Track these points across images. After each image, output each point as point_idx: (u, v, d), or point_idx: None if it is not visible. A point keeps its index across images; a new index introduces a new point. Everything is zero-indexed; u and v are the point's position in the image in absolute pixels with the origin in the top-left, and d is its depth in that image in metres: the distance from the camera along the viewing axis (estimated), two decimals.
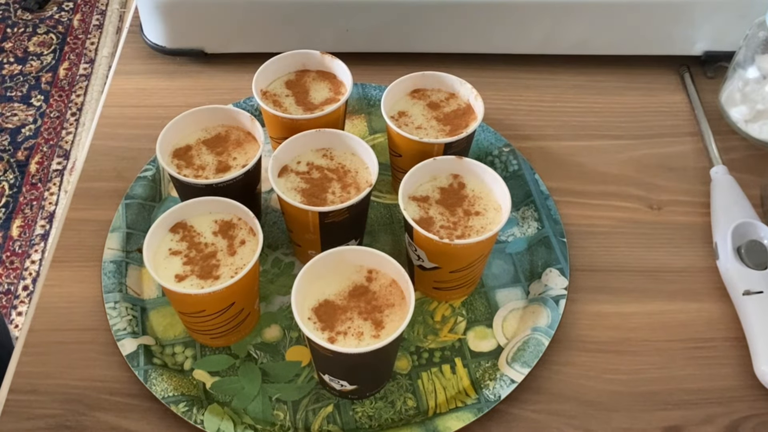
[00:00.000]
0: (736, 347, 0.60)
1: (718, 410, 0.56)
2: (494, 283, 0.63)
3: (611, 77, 0.80)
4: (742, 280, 0.60)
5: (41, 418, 0.55)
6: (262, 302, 0.62)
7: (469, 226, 0.57)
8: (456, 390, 0.57)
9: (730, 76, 0.74)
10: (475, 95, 0.64)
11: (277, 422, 0.55)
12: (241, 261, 0.55)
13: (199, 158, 0.61)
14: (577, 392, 0.57)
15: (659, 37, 0.78)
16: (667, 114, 0.77)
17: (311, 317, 0.52)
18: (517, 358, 0.57)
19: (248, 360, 0.59)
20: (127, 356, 0.57)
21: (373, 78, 0.76)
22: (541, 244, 0.65)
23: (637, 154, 0.73)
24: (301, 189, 0.59)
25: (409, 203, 0.59)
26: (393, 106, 0.65)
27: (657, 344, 0.60)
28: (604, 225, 0.68)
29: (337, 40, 0.77)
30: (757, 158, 0.72)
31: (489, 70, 0.79)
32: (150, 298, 0.62)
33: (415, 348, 0.59)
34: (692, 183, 0.71)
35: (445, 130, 0.64)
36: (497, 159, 0.71)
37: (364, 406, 0.56)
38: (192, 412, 0.54)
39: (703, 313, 0.62)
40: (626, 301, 0.63)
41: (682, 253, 0.66)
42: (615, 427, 0.56)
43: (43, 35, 2.16)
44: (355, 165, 0.61)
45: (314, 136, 0.61)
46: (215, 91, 0.76)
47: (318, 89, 0.67)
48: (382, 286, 0.53)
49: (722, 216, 0.65)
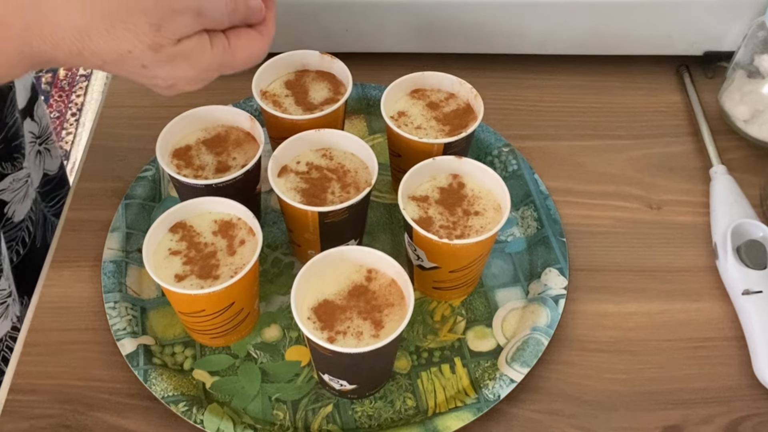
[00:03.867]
0: (736, 347, 0.60)
1: (717, 410, 0.56)
2: (494, 283, 0.63)
3: (611, 77, 0.80)
4: (741, 279, 0.60)
5: (41, 418, 0.55)
6: (262, 302, 0.62)
7: (469, 225, 0.57)
8: (455, 390, 0.57)
9: (729, 76, 0.74)
10: (475, 95, 0.64)
11: (277, 422, 0.55)
12: (241, 261, 0.55)
13: (198, 158, 0.61)
14: (576, 392, 0.57)
15: (659, 37, 0.78)
16: (667, 114, 0.77)
17: (311, 317, 0.52)
18: (517, 357, 0.57)
19: (248, 360, 0.59)
20: (126, 356, 0.57)
21: (373, 78, 0.76)
22: (541, 243, 0.65)
23: (637, 154, 0.73)
24: (301, 189, 0.59)
25: (408, 203, 0.59)
26: (392, 106, 0.65)
27: (657, 344, 0.60)
28: (604, 225, 0.68)
29: (337, 40, 0.77)
30: (756, 158, 0.72)
31: (489, 70, 0.79)
32: (150, 298, 0.62)
33: (415, 348, 0.59)
34: (692, 183, 0.71)
35: (445, 130, 0.64)
36: (497, 159, 0.71)
37: (364, 405, 0.56)
38: (192, 411, 0.54)
39: (702, 313, 0.62)
40: (626, 300, 0.63)
41: (682, 252, 0.66)
42: (615, 427, 0.56)
43: None
44: (354, 165, 0.61)
45: (314, 136, 0.61)
46: (215, 91, 0.76)
47: (318, 89, 0.67)
48: (381, 285, 0.54)
49: (722, 216, 0.65)
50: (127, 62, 0.44)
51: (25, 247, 0.77)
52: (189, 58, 0.45)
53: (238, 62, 0.48)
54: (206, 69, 0.47)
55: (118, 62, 0.44)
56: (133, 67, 0.45)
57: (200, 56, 0.46)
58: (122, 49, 0.43)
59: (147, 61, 0.44)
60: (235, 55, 0.48)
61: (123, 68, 0.45)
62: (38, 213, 0.80)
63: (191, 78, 0.47)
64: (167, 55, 0.44)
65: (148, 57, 0.44)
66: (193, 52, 0.45)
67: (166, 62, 0.44)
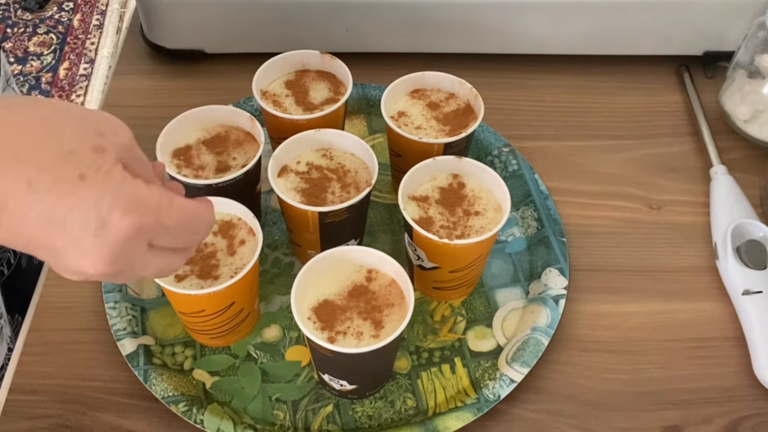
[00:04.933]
0: (736, 347, 0.60)
1: (717, 410, 0.56)
2: (494, 283, 0.63)
3: (611, 77, 0.80)
4: (741, 279, 0.60)
5: (41, 418, 0.55)
6: (262, 302, 0.62)
7: (469, 225, 0.57)
8: (455, 390, 0.57)
9: (729, 76, 0.74)
10: (475, 95, 0.64)
11: (277, 422, 0.55)
12: (241, 261, 0.55)
13: (198, 158, 0.61)
14: (576, 392, 0.57)
15: (659, 37, 0.78)
16: (667, 114, 0.77)
17: (311, 317, 0.52)
18: (517, 357, 0.57)
19: (248, 360, 0.59)
20: (127, 356, 0.57)
21: (373, 78, 0.76)
22: (541, 243, 0.65)
23: (637, 154, 0.73)
24: (301, 189, 0.59)
25: (408, 203, 0.59)
26: (393, 106, 0.65)
27: (657, 344, 0.60)
28: (604, 225, 0.68)
29: (337, 40, 0.77)
30: (756, 158, 0.72)
31: (489, 70, 0.79)
32: (150, 298, 0.62)
33: (415, 348, 0.59)
34: (692, 183, 0.71)
35: (445, 130, 0.64)
36: (497, 159, 0.71)
37: (364, 405, 0.56)
38: (192, 411, 0.54)
39: (702, 313, 0.62)
40: (626, 300, 0.63)
41: (682, 252, 0.66)
42: (615, 427, 0.56)
43: (44, 35, 2.16)
44: (354, 165, 0.61)
45: (314, 136, 0.61)
46: (215, 91, 0.76)
47: (318, 89, 0.67)
48: (381, 285, 0.54)
49: (722, 216, 0.65)
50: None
51: (9, 268, 0.76)
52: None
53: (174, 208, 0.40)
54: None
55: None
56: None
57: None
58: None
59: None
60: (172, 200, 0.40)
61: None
62: None
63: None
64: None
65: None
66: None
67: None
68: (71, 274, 0.39)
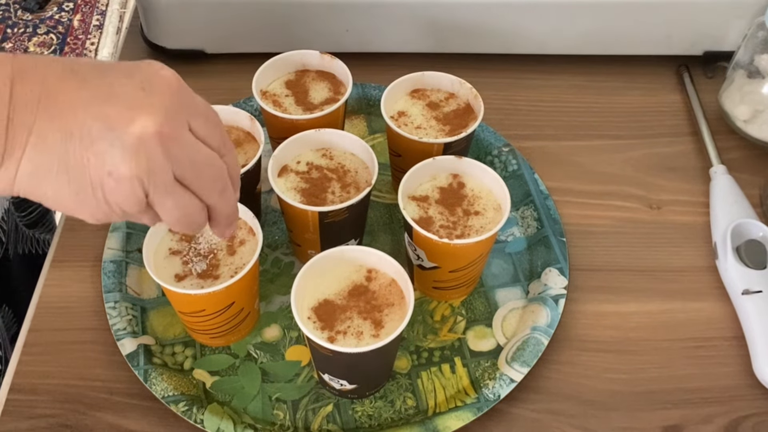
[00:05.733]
0: (736, 347, 0.60)
1: (717, 409, 0.56)
2: (494, 283, 0.63)
3: (611, 77, 0.80)
4: (741, 279, 0.60)
5: (41, 418, 0.55)
6: (262, 302, 0.62)
7: (469, 225, 0.57)
8: (455, 389, 0.57)
9: (729, 76, 0.74)
10: (475, 95, 0.64)
11: (277, 422, 0.55)
12: (241, 261, 0.55)
13: None
14: (576, 392, 0.57)
15: (659, 37, 0.78)
16: (667, 114, 0.77)
17: (311, 317, 0.52)
18: (517, 357, 0.57)
19: (248, 359, 0.59)
20: (127, 356, 0.57)
21: (373, 78, 0.76)
22: (541, 243, 0.65)
23: (637, 154, 0.73)
24: (301, 189, 0.59)
25: (408, 203, 0.59)
26: (393, 106, 0.65)
27: (657, 344, 0.60)
28: (604, 225, 0.68)
29: (337, 40, 0.77)
30: (756, 158, 0.72)
31: (489, 70, 0.79)
32: (150, 297, 0.62)
33: (415, 347, 0.59)
34: (692, 183, 0.71)
35: (445, 129, 0.64)
36: (497, 159, 0.71)
37: (364, 405, 0.56)
38: (192, 411, 0.54)
39: (702, 313, 0.62)
40: (626, 300, 0.63)
41: (682, 252, 0.66)
42: (615, 427, 0.56)
43: (44, 35, 2.16)
44: (354, 165, 0.61)
45: (314, 136, 0.61)
46: (215, 91, 0.76)
47: (318, 89, 0.67)
48: (381, 285, 0.54)
49: (721, 216, 0.65)
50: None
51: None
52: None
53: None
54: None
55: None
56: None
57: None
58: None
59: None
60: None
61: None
62: (11, 223, 0.78)
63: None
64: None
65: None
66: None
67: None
68: (107, 177, 0.39)
